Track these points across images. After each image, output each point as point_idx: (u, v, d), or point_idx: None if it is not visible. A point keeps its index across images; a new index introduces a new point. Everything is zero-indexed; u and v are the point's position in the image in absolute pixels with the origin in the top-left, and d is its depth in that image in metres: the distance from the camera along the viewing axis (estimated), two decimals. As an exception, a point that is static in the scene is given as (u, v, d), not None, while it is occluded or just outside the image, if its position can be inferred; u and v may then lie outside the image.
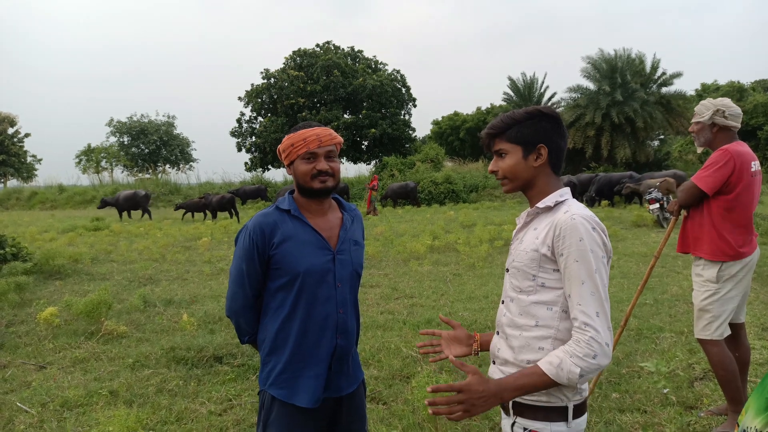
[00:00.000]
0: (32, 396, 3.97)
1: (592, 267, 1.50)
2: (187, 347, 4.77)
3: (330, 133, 2.01)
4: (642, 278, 7.33)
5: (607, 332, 1.48)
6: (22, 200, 31.51)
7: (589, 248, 1.50)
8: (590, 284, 1.49)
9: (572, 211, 1.55)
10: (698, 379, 3.99)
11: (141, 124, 52.10)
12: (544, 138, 1.64)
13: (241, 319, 2.05)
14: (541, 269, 1.59)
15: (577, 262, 1.50)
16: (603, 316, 1.48)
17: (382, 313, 6.14)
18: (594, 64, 30.88)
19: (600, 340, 1.46)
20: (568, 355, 1.48)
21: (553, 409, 1.58)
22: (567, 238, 1.52)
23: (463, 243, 10.53)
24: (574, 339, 1.49)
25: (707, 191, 3.06)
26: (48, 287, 7.75)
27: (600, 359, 1.46)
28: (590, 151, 29.21)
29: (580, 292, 1.50)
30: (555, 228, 1.56)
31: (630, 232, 12.42)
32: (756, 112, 36.85)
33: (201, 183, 33.70)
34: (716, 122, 3.06)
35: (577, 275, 1.50)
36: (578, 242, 1.51)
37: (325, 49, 35.42)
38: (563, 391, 1.57)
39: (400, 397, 3.85)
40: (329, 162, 1.99)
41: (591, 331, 1.46)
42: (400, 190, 23.02)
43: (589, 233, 1.52)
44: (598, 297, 1.49)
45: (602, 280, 1.51)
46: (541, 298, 1.60)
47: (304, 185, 1.99)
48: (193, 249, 11.45)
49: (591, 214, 1.57)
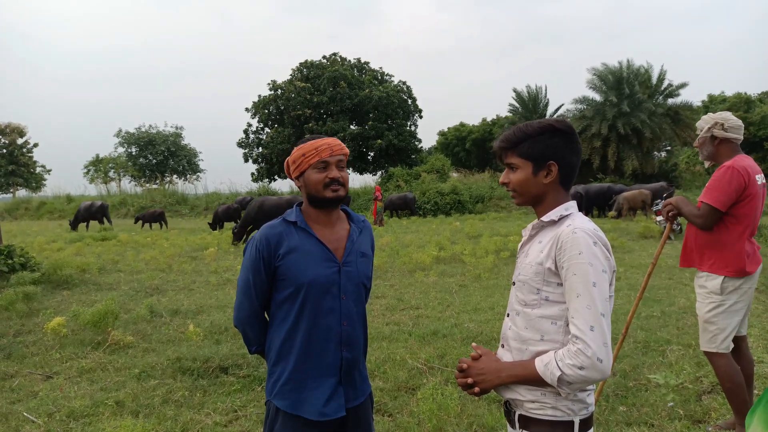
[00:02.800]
0: (39, 406, 3.98)
1: (589, 280, 1.49)
2: (193, 358, 4.78)
3: (339, 143, 2.04)
4: (649, 290, 7.31)
5: (601, 347, 1.45)
6: (31, 210, 31.78)
7: (587, 262, 1.50)
8: (586, 298, 1.48)
9: (574, 225, 1.56)
10: (706, 393, 3.95)
11: (149, 135, 52.53)
12: (555, 155, 1.63)
13: (248, 328, 2.06)
14: (545, 283, 1.59)
15: (575, 276, 1.50)
16: (598, 330, 1.46)
17: (388, 324, 6.12)
18: (600, 75, 30.93)
19: (589, 354, 1.44)
20: (557, 358, 1.50)
21: (559, 423, 1.57)
22: (567, 252, 1.52)
23: (469, 254, 10.52)
24: (567, 347, 1.50)
25: (722, 208, 3.04)
26: (55, 297, 7.79)
27: (588, 372, 1.45)
28: (597, 162, 29.17)
29: (575, 305, 1.50)
30: (558, 241, 1.56)
31: (637, 244, 12.36)
32: (763, 124, 36.74)
33: (208, 193, 33.91)
34: (716, 135, 3.07)
35: (574, 288, 1.50)
36: (578, 255, 1.50)
37: (332, 60, 35.67)
38: (569, 405, 1.57)
39: (405, 409, 3.83)
40: (340, 171, 2.01)
41: (580, 344, 1.46)
42: (399, 201, 23.48)
43: (590, 247, 1.51)
44: (594, 311, 1.47)
45: (601, 294, 1.49)
46: (545, 312, 1.60)
47: (316, 195, 2.00)
48: (199, 259, 11.49)
49: (593, 228, 1.56)
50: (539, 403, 1.59)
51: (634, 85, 29.69)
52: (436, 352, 4.95)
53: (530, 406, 1.61)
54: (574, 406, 1.57)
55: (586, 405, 1.59)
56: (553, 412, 1.57)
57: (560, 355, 1.50)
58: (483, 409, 3.77)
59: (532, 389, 1.60)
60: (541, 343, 1.60)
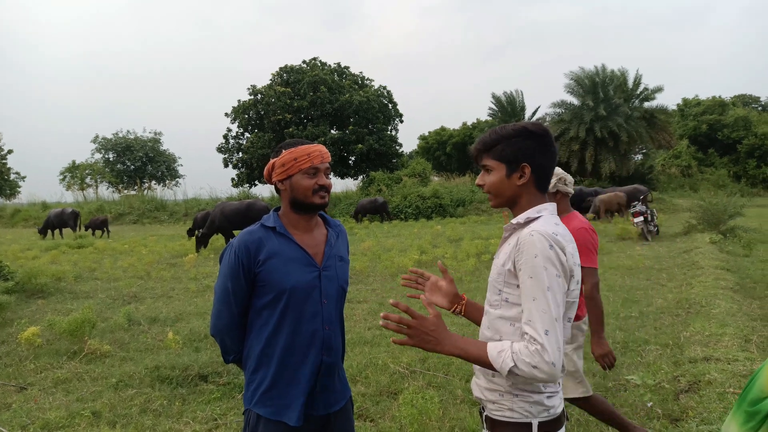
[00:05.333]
0: (12, 418, 3.88)
1: (544, 284, 1.49)
2: (172, 366, 4.71)
3: (327, 150, 2.06)
4: (627, 291, 7.41)
5: (556, 352, 1.46)
6: (5, 218, 31.09)
7: (542, 265, 1.50)
8: (542, 301, 1.48)
9: (534, 228, 1.55)
10: (684, 392, 4.01)
11: (126, 141, 51.85)
12: (528, 157, 1.64)
13: (226, 337, 2.03)
14: (505, 284, 1.61)
15: (531, 279, 1.50)
16: (552, 334, 1.46)
17: (370, 329, 6.11)
18: (577, 79, 31.38)
19: (547, 358, 1.45)
20: (513, 350, 1.49)
21: (517, 425, 1.59)
22: (524, 254, 1.53)
23: (450, 257, 10.56)
24: (525, 344, 1.49)
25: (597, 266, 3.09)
26: (30, 306, 7.63)
27: (539, 373, 1.45)
28: (575, 165, 29.55)
29: (530, 308, 1.50)
30: (517, 244, 1.57)
31: (615, 245, 12.54)
32: (737, 126, 37.67)
33: (188, 199, 33.52)
34: (560, 189, 3.13)
35: (530, 291, 1.51)
36: (533, 258, 1.51)
37: (312, 65, 35.59)
38: (525, 407, 1.58)
39: (387, 414, 3.83)
40: (327, 179, 2.02)
41: (537, 345, 1.46)
42: (369, 206, 23.62)
43: (545, 250, 1.51)
44: (549, 315, 1.47)
45: (555, 298, 1.49)
46: (504, 313, 1.61)
47: (303, 200, 1.99)
48: (178, 266, 11.35)
49: (552, 232, 1.55)
50: (498, 404, 1.61)
51: (610, 89, 30.19)
52: (417, 356, 4.96)
53: (491, 407, 1.64)
54: (532, 408, 1.58)
55: (547, 408, 1.59)
56: (511, 414, 1.59)
57: (517, 349, 1.49)
58: (465, 412, 3.78)
59: (493, 389, 1.62)
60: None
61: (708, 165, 38.03)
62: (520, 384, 1.57)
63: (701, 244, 11.26)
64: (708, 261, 9.07)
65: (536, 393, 1.59)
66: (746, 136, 36.81)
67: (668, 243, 12.83)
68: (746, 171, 36.26)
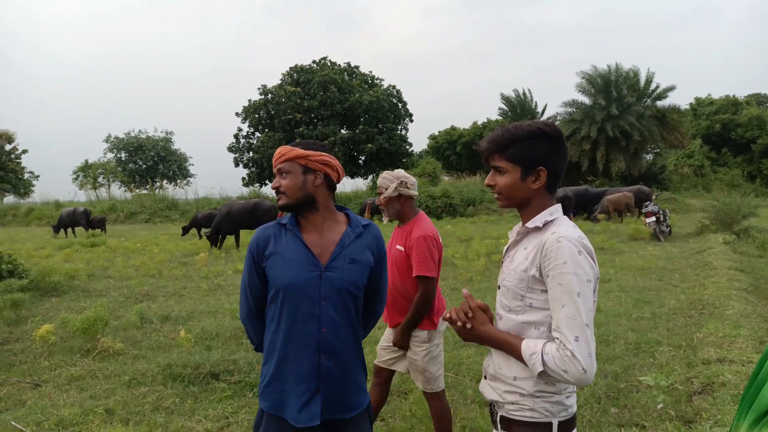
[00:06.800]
0: (27, 415, 3.93)
1: (574, 290, 1.47)
2: (184, 364, 4.74)
3: (282, 152, 2.00)
4: (639, 292, 7.36)
5: (586, 358, 1.45)
6: (19, 217, 31.44)
7: (572, 271, 1.48)
8: (571, 308, 1.47)
9: (559, 233, 1.54)
10: (697, 393, 3.97)
11: (138, 140, 52.24)
12: (545, 160, 1.60)
13: (248, 326, 2.11)
14: (529, 290, 1.58)
15: (560, 285, 1.49)
16: (583, 341, 1.46)
17: (380, 328, 6.11)
18: (589, 78, 31.18)
19: (577, 365, 1.44)
20: (544, 352, 1.50)
21: (538, 425, 1.58)
22: (552, 260, 1.51)
23: (460, 257, 10.54)
24: (558, 347, 1.48)
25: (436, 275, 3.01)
26: (44, 304, 7.71)
27: (570, 377, 1.46)
28: (586, 164, 29.38)
29: (560, 315, 1.49)
30: (542, 249, 1.55)
31: (627, 246, 12.45)
32: (750, 125, 37.22)
33: (199, 198, 33.69)
34: (402, 193, 3.08)
35: (559, 298, 1.49)
36: (562, 265, 1.49)
37: (322, 65, 35.65)
38: (546, 407, 1.58)
39: (398, 414, 3.83)
40: (282, 180, 1.99)
41: (567, 352, 1.46)
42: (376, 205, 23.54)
43: (574, 256, 1.50)
44: (579, 321, 1.46)
45: (585, 304, 1.48)
46: (529, 318, 1.59)
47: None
48: (190, 265, 11.43)
49: (578, 236, 1.54)
50: (518, 405, 1.60)
51: (623, 88, 29.96)
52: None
53: (510, 407, 1.62)
54: (553, 408, 1.58)
55: (566, 407, 1.59)
56: (532, 414, 1.58)
57: (549, 350, 1.49)
58: (475, 412, 3.77)
59: (512, 391, 1.61)
60: None
61: (721, 165, 37.62)
62: (543, 386, 1.57)
63: (714, 244, 11.16)
64: (721, 262, 8.99)
65: (557, 393, 1.59)
66: (761, 135, 36.33)
67: (681, 243, 12.72)
68: (761, 171, 35.82)
